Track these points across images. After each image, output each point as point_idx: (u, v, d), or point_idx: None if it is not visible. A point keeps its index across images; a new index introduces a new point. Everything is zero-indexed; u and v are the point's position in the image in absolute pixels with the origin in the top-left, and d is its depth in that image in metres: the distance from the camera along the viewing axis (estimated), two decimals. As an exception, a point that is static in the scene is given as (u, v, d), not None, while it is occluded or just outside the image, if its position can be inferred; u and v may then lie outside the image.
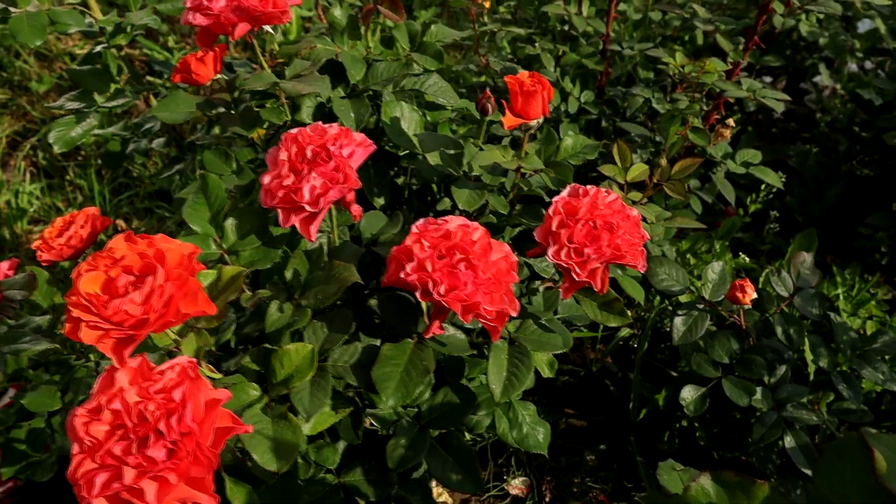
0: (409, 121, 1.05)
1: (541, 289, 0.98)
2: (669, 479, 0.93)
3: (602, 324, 0.94)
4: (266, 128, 1.11)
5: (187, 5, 0.89)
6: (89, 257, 0.67)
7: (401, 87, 1.08)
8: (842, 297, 1.60)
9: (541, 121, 0.96)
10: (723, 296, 1.21)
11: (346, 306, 0.85)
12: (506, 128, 0.92)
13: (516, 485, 1.39)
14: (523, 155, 0.98)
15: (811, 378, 1.28)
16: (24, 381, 1.04)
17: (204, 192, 0.86)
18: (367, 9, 1.02)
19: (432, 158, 0.99)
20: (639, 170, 1.12)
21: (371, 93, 1.07)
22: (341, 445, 0.90)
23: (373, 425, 0.92)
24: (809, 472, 1.10)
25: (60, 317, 0.95)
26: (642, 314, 1.59)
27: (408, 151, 1.09)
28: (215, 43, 0.97)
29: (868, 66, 2.08)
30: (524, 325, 0.93)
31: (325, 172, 0.78)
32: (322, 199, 0.77)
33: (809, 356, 1.28)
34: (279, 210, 0.79)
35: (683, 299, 1.36)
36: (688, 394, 1.20)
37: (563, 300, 1.02)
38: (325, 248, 0.88)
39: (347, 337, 0.81)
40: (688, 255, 1.65)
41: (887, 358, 1.36)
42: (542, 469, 1.40)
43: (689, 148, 1.34)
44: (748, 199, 1.64)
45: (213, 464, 0.61)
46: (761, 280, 1.61)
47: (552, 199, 0.86)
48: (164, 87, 1.24)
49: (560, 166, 1.01)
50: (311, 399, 0.75)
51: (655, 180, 1.08)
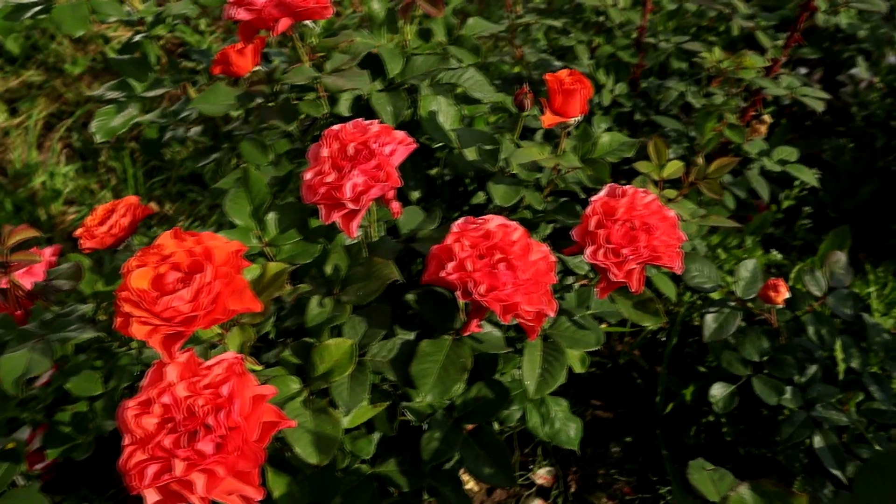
0: (447, 115, 1.06)
1: (576, 286, 0.99)
2: (699, 478, 0.94)
3: (636, 323, 0.94)
4: (302, 118, 1.12)
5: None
6: (138, 253, 0.68)
7: (437, 80, 1.08)
8: (874, 295, 1.59)
9: (579, 119, 0.96)
10: (755, 294, 1.20)
11: (382, 300, 0.86)
12: (545, 126, 0.92)
13: (542, 474, 1.40)
14: (560, 152, 0.98)
15: (840, 377, 1.28)
16: (61, 362, 1.07)
17: (245, 186, 0.87)
18: (406, 2, 1.02)
19: (469, 154, 0.99)
20: (674, 167, 1.11)
21: (408, 86, 1.08)
22: (376, 436, 0.92)
23: (406, 417, 0.94)
24: (838, 473, 1.10)
25: (102, 304, 0.97)
26: (671, 308, 1.58)
27: (442, 144, 1.09)
28: (255, 36, 0.98)
29: (908, 59, 2.04)
30: (558, 322, 0.94)
31: (366, 170, 0.78)
32: (363, 196, 0.78)
33: (840, 356, 1.27)
34: (321, 206, 0.80)
35: (715, 296, 1.36)
36: (717, 391, 1.20)
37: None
38: (363, 243, 0.88)
39: (386, 332, 0.82)
40: (718, 250, 1.64)
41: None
42: (568, 459, 1.41)
43: (724, 144, 1.33)
44: (781, 195, 1.62)
45: (260, 458, 0.63)
46: (792, 276, 1.60)
47: (590, 199, 0.87)
48: (197, 72, 1.25)
49: (596, 163, 1.01)
50: (350, 393, 0.76)
51: (692, 179, 1.07)
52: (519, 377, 1.01)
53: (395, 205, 0.84)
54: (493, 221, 0.79)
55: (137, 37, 1.16)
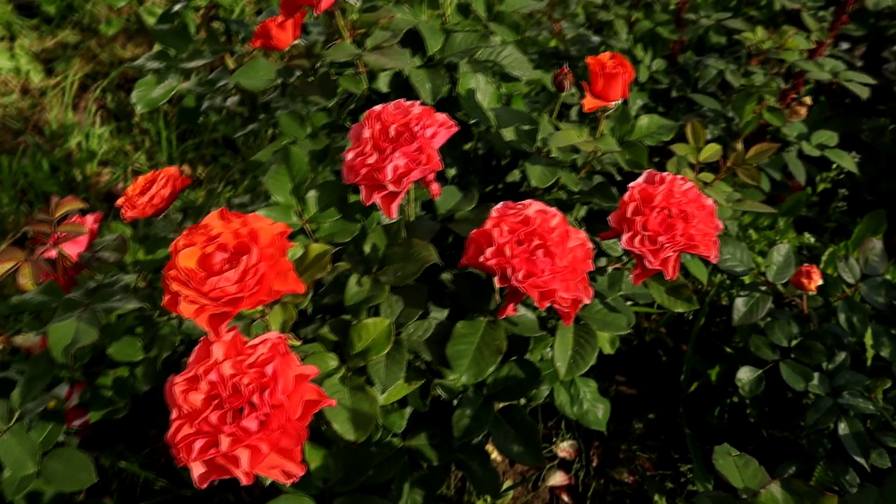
0: (485, 93, 1.05)
1: (609, 269, 0.99)
2: (725, 464, 0.95)
3: (668, 309, 0.94)
4: (339, 92, 1.12)
5: (274, -25, 0.89)
6: (185, 231, 0.70)
7: (476, 57, 1.08)
8: (907, 281, 1.57)
9: (619, 103, 0.95)
10: (787, 279, 1.20)
11: (419, 279, 0.88)
12: (585, 110, 0.92)
13: (564, 447, 1.42)
14: (598, 135, 0.98)
15: (868, 363, 1.28)
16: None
17: (286, 164, 0.88)
18: (447, -22, 1.01)
19: (507, 134, 0.99)
20: (711, 150, 1.11)
21: (447, 63, 1.07)
22: (408, 411, 0.94)
23: (437, 392, 0.96)
24: (861, 461, 1.11)
25: (142, 273, 0.99)
26: (699, 286, 1.58)
27: (477, 119, 1.09)
28: (297, 11, 0.98)
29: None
30: (590, 305, 0.95)
31: (407, 153, 0.79)
32: (404, 179, 0.79)
33: (870, 342, 1.27)
34: (361, 186, 0.81)
35: (746, 279, 1.35)
36: (744, 375, 1.20)
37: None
38: (401, 222, 0.89)
39: (422, 312, 0.83)
40: (750, 230, 1.63)
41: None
42: (591, 434, 1.43)
43: (762, 126, 1.32)
44: (817, 177, 1.60)
45: (302, 436, 0.65)
46: (824, 258, 1.59)
47: (628, 185, 0.87)
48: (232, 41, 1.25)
49: (634, 147, 1.01)
50: (386, 372, 0.78)
51: (729, 164, 1.06)
52: (549, 357, 1.03)
53: (435, 186, 0.85)
54: (532, 207, 0.79)
55: (177, 6, 1.16)
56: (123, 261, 1.05)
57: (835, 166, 1.53)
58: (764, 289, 1.20)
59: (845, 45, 2.20)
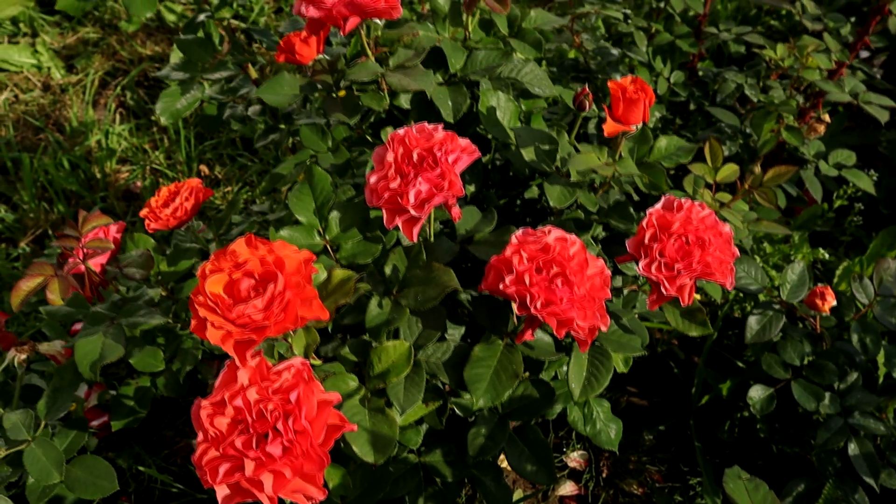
0: (505, 111, 1.06)
1: (625, 291, 1.00)
2: (735, 487, 0.96)
3: (683, 332, 0.95)
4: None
5: (300, -4, 0.90)
6: (212, 257, 0.71)
7: (497, 74, 1.09)
8: (921, 299, 1.57)
9: (640, 126, 0.96)
10: (801, 298, 1.20)
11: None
12: (606, 135, 0.92)
13: (575, 458, 1.44)
14: (617, 157, 0.98)
15: (879, 382, 1.28)
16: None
17: (310, 183, 0.89)
18: (470, -2, 1.02)
19: (527, 154, 1.00)
20: (729, 170, 1.11)
21: (468, 80, 1.08)
22: (423, 428, 0.95)
23: (454, 410, 0.97)
24: (871, 482, 1.12)
25: (167, 285, 1.01)
26: (712, 300, 1.59)
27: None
28: (322, 30, 0.99)
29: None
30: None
31: (430, 178, 0.80)
32: (426, 204, 0.80)
33: (882, 361, 1.28)
34: (384, 210, 0.82)
35: (760, 297, 1.36)
36: (756, 393, 1.21)
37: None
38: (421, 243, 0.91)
39: (440, 334, 0.85)
40: (764, 243, 1.64)
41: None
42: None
43: (781, 144, 1.32)
44: (834, 193, 1.60)
45: (325, 461, 0.66)
46: (838, 272, 1.59)
47: (647, 211, 0.87)
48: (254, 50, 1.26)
49: (653, 168, 1.02)
50: (405, 394, 0.80)
51: (747, 186, 1.07)
52: (563, 374, 1.04)
53: (456, 210, 0.86)
54: (552, 234, 0.80)
55: (201, 16, 1.17)
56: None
57: (851, 184, 1.53)
58: (777, 307, 1.20)
59: (865, 54, 2.19)
